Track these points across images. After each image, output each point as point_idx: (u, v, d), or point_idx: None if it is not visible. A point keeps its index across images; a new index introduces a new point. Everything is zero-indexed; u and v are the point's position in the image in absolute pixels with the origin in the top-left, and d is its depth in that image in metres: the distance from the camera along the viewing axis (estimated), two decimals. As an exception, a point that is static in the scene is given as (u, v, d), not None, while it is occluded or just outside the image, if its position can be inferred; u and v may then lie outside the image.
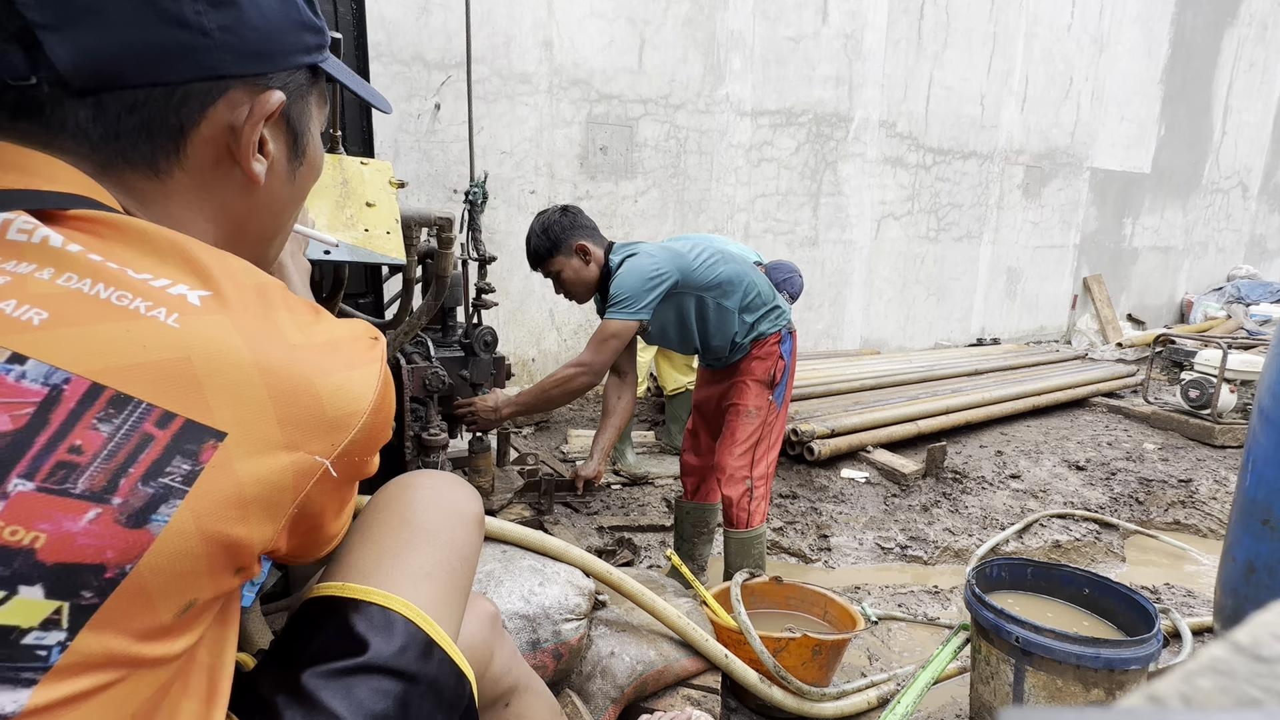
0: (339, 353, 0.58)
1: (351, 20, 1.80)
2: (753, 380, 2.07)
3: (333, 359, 0.57)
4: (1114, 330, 7.05)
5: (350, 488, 0.63)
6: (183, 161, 0.57)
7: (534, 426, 3.99)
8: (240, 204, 0.63)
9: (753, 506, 2.05)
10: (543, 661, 1.35)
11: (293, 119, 0.63)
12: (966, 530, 2.89)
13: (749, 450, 2.04)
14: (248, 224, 0.65)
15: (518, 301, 4.46)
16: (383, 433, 0.61)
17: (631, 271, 1.92)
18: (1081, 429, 4.34)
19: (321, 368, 0.56)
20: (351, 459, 0.59)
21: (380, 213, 1.42)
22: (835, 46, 5.21)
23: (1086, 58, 6.58)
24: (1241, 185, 8.15)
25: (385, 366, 0.62)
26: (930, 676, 1.76)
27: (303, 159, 0.67)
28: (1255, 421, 1.57)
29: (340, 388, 0.56)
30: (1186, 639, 2.01)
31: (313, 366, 0.55)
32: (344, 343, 0.59)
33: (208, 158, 0.58)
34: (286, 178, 0.66)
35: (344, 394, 0.56)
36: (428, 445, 1.79)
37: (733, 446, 2.05)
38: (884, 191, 5.76)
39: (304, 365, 0.55)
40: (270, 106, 0.58)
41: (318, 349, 0.57)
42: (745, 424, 2.05)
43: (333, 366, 0.56)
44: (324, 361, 0.56)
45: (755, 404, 2.06)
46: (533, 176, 4.33)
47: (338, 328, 0.61)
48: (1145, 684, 0.21)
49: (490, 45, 4.04)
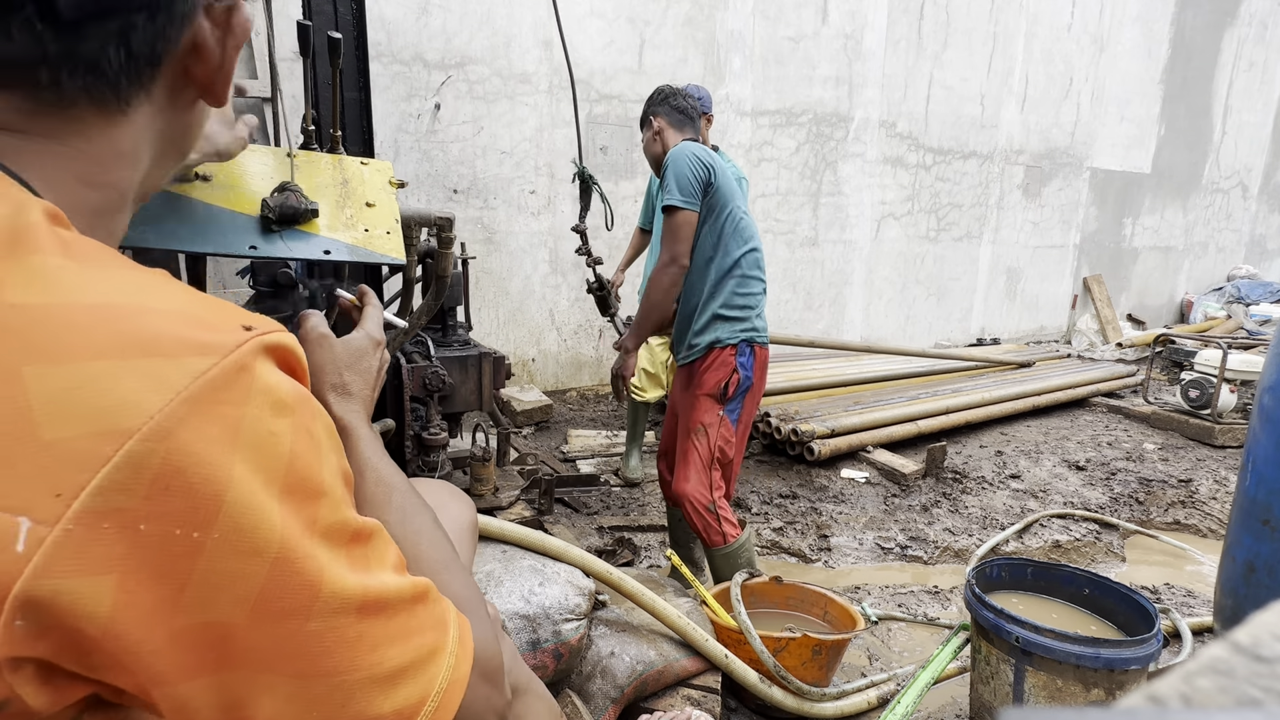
0: (115, 325, 0.36)
1: (351, 20, 1.80)
2: (703, 394, 1.98)
3: (88, 334, 0.35)
4: (1114, 330, 7.05)
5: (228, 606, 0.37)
6: (151, 92, 0.48)
7: (534, 426, 3.99)
8: (179, 126, 0.53)
9: (723, 526, 1.98)
10: (543, 661, 1.35)
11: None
12: (966, 530, 2.89)
13: (703, 472, 1.97)
14: (182, 144, 0.56)
15: (518, 301, 4.46)
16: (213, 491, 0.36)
17: (679, 156, 1.92)
18: (1081, 429, 4.34)
19: (47, 344, 0.34)
20: (154, 528, 0.34)
21: (380, 213, 1.42)
22: (835, 46, 5.21)
23: (1086, 58, 6.58)
24: (1241, 185, 8.14)
25: (254, 373, 0.39)
26: (930, 676, 1.76)
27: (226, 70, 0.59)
28: (1255, 421, 1.57)
29: (78, 384, 0.34)
30: (1186, 639, 2.01)
31: (28, 342, 0.34)
32: (146, 314, 0.37)
33: (171, 84, 0.50)
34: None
35: (84, 395, 0.34)
36: (428, 445, 1.79)
37: (688, 471, 1.97)
38: (884, 191, 5.76)
39: (11, 338, 0.34)
40: (248, 25, 0.51)
41: (60, 311, 0.35)
42: (697, 445, 1.97)
43: (80, 346, 0.35)
44: (62, 335, 0.35)
45: (706, 420, 1.97)
46: (533, 176, 4.33)
47: (160, 293, 0.40)
48: (1145, 684, 0.21)
49: (490, 45, 4.04)
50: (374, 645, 0.42)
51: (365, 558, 0.43)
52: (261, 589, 0.37)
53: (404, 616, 0.44)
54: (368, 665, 0.41)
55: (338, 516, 0.42)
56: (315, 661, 0.40)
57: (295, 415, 0.40)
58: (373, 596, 0.42)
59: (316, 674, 0.40)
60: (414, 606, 0.45)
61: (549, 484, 2.12)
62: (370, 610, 0.42)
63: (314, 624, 0.39)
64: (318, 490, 0.41)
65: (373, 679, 0.41)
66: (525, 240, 4.39)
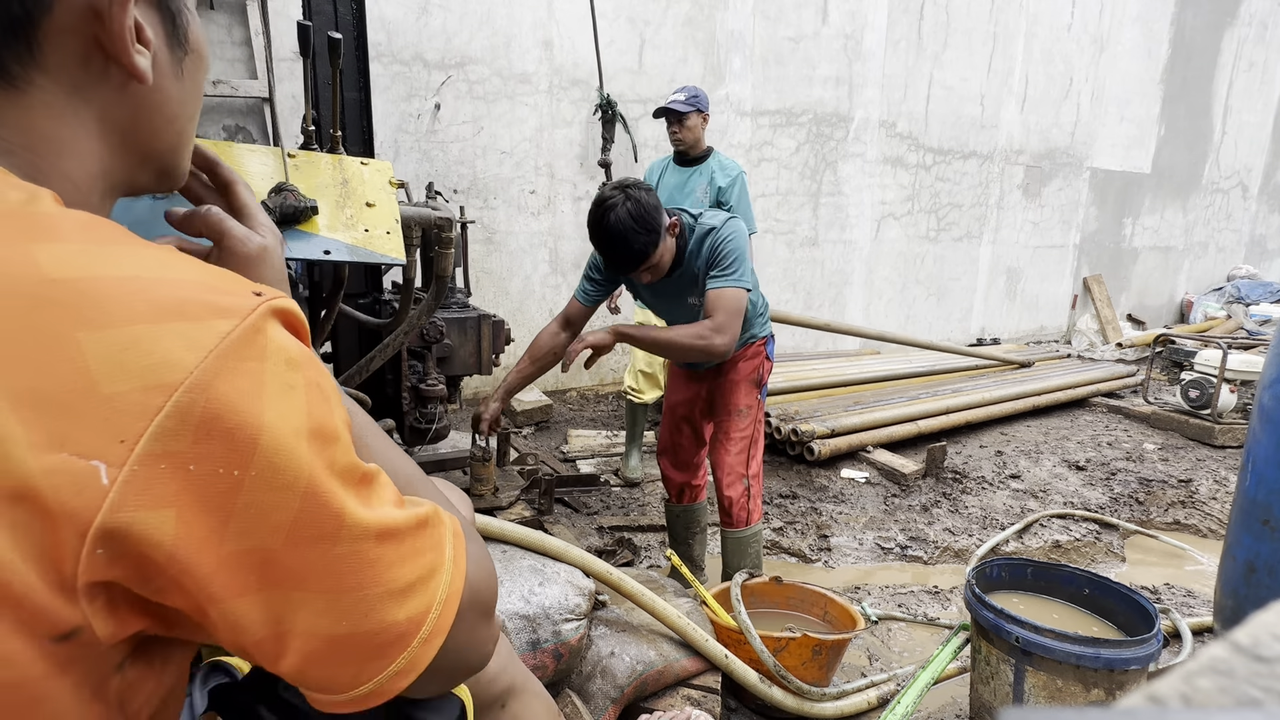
0: (146, 294, 0.40)
1: (351, 20, 1.80)
2: (743, 380, 2.09)
3: (126, 302, 0.39)
4: (1114, 330, 7.05)
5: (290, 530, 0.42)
6: (40, 62, 0.45)
7: (534, 426, 3.99)
8: (123, 110, 0.50)
9: (751, 504, 2.08)
10: (543, 661, 1.35)
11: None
12: (966, 530, 2.89)
13: (744, 449, 2.07)
14: (138, 135, 0.52)
15: (518, 301, 4.46)
16: (248, 435, 0.40)
17: (739, 235, 1.82)
18: (1081, 429, 4.34)
19: (93, 313, 0.38)
20: (201, 469, 0.39)
21: (380, 213, 1.42)
22: (835, 46, 5.21)
23: (1086, 58, 6.58)
24: (1241, 185, 8.14)
25: (267, 334, 0.43)
26: (930, 676, 1.76)
27: (186, 45, 0.54)
28: (1255, 421, 1.57)
29: (128, 344, 0.38)
30: (1186, 639, 2.01)
31: (75, 311, 0.38)
32: (170, 284, 0.41)
33: (72, 54, 0.46)
34: (172, 72, 0.53)
35: (133, 354, 0.38)
36: (425, 396, 1.78)
37: (729, 444, 2.07)
38: (884, 191, 5.76)
39: (58, 309, 0.38)
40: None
41: (95, 284, 0.39)
42: (738, 423, 2.08)
43: (122, 312, 0.39)
44: (105, 303, 0.39)
45: (746, 403, 2.08)
46: (533, 176, 4.33)
47: (176, 266, 0.43)
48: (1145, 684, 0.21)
49: (490, 45, 4.04)
50: (389, 565, 0.47)
51: (371, 495, 0.48)
52: (294, 519, 0.42)
53: (410, 540, 0.49)
54: (385, 581, 0.47)
55: (349, 459, 0.47)
56: (342, 579, 0.45)
57: (304, 370, 0.45)
58: (387, 525, 0.47)
59: (344, 590, 0.45)
60: (418, 531, 0.50)
61: (549, 484, 2.12)
62: (385, 536, 0.47)
63: (340, 548, 0.45)
64: (333, 435, 0.45)
65: (389, 593, 0.47)
66: (525, 240, 4.39)
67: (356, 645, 0.47)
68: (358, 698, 0.48)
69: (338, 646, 0.46)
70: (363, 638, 0.47)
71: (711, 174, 2.93)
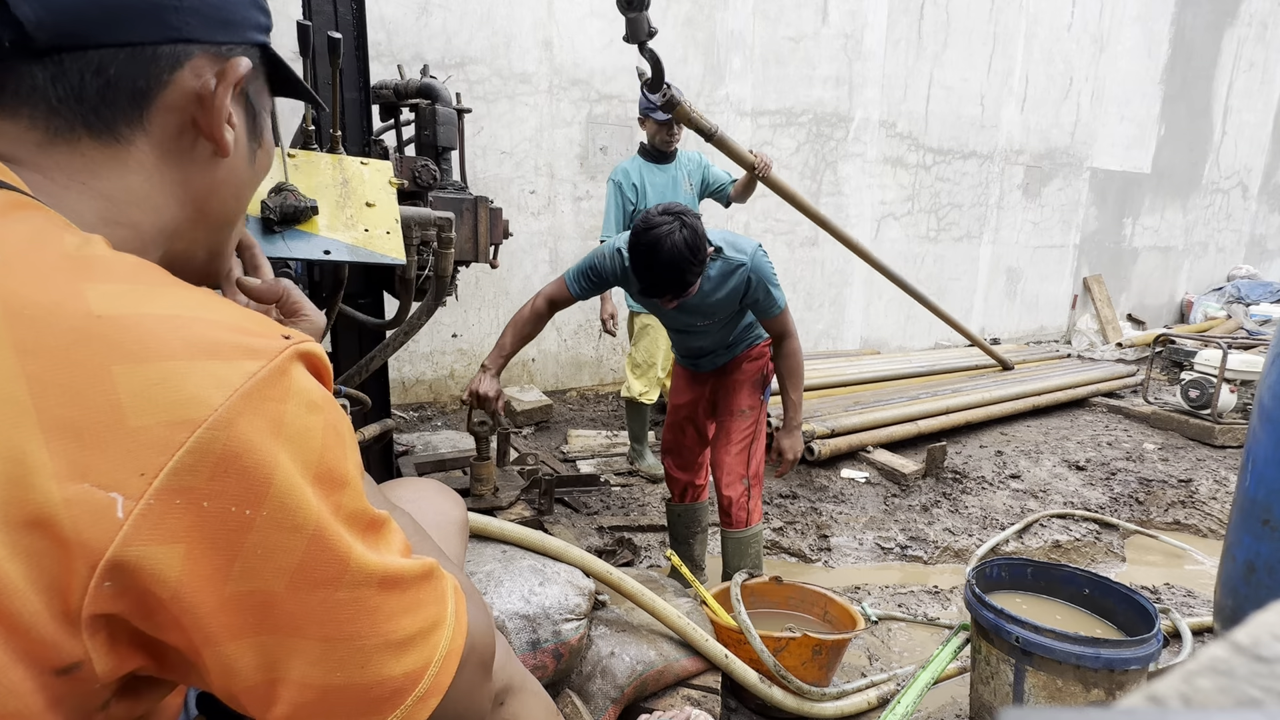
0: (182, 332, 0.42)
1: (351, 20, 1.79)
2: (747, 381, 2.10)
3: (163, 336, 0.41)
4: (1114, 330, 7.05)
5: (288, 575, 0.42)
6: (146, 128, 0.53)
7: (534, 426, 3.99)
8: (204, 180, 0.58)
9: (751, 505, 2.08)
10: (543, 661, 1.35)
11: (251, 96, 0.61)
12: (966, 530, 2.89)
13: (745, 449, 2.08)
14: (210, 203, 0.59)
15: (518, 301, 4.46)
16: (263, 475, 0.41)
17: (768, 267, 1.89)
18: (1081, 429, 4.34)
19: (131, 348, 0.40)
20: (215, 505, 0.40)
21: (380, 213, 1.42)
22: (835, 46, 5.20)
23: (1086, 58, 6.58)
24: (1241, 185, 8.14)
25: (291, 376, 0.44)
26: (930, 676, 1.76)
27: (260, 140, 0.63)
28: (1255, 421, 1.56)
29: (158, 380, 0.39)
30: (1186, 639, 2.01)
31: (115, 345, 0.40)
32: (206, 324, 0.43)
33: (172, 127, 0.54)
34: (247, 157, 0.62)
35: (162, 390, 0.39)
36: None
37: (729, 445, 2.07)
38: (884, 191, 5.76)
39: (99, 343, 0.39)
40: (241, 70, 0.56)
41: (137, 321, 0.41)
42: (740, 424, 2.08)
43: (157, 349, 0.40)
44: (142, 337, 0.40)
45: (749, 404, 2.09)
46: (533, 176, 4.33)
47: (213, 307, 0.45)
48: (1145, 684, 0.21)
49: (490, 45, 4.04)
50: (390, 615, 0.47)
51: (379, 541, 0.48)
52: (300, 561, 0.43)
53: (414, 591, 0.49)
54: (384, 632, 0.46)
55: (359, 505, 0.47)
56: (341, 627, 0.45)
57: (324, 414, 0.46)
58: (391, 573, 0.47)
59: (341, 638, 0.45)
60: (422, 583, 0.50)
61: (549, 484, 2.12)
62: (388, 585, 0.47)
63: (342, 594, 0.44)
64: (343, 480, 0.46)
65: (387, 644, 0.47)
66: (525, 240, 4.38)
67: (350, 698, 0.46)
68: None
69: (330, 698, 0.45)
70: (357, 690, 0.46)
71: (687, 166, 3.20)
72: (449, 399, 4.35)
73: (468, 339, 4.36)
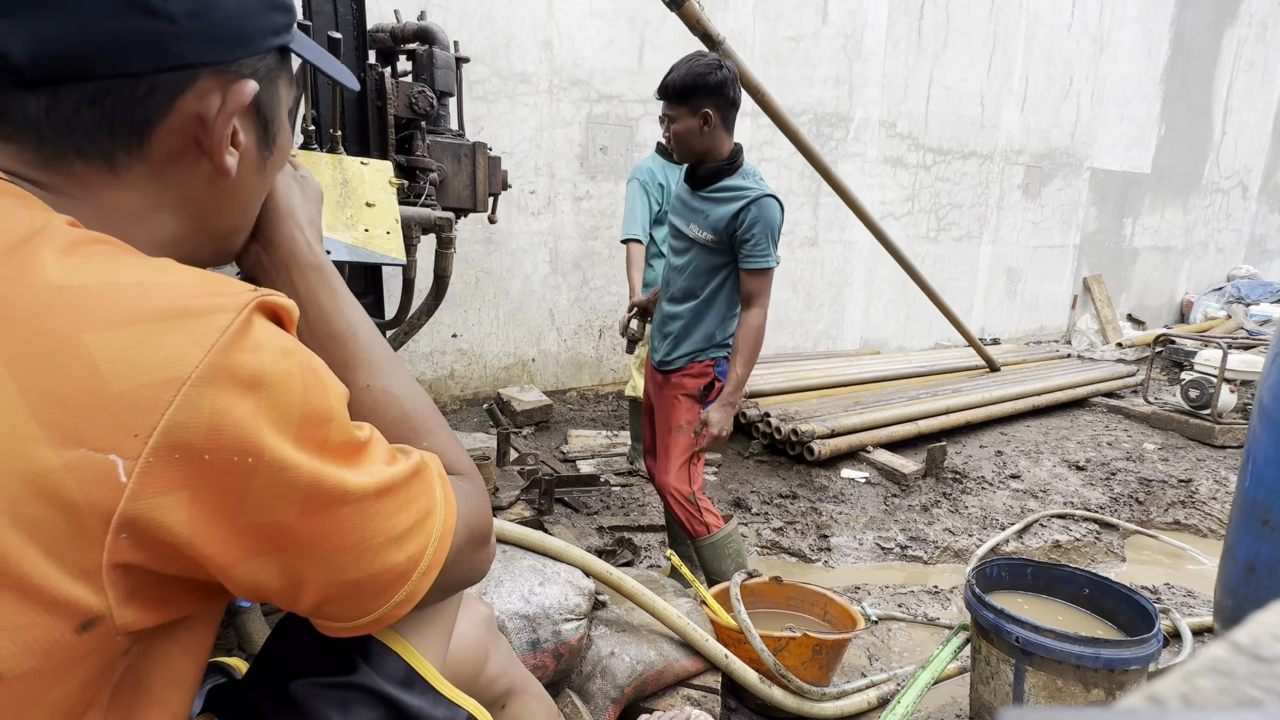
0: (148, 296, 0.43)
1: (351, 20, 1.79)
2: (684, 395, 2.05)
3: (129, 302, 0.42)
4: (1114, 330, 7.05)
5: (299, 503, 0.46)
6: (145, 155, 0.52)
7: (534, 426, 3.99)
8: (206, 197, 0.57)
9: (704, 518, 2.04)
10: (543, 661, 1.35)
11: (263, 107, 0.58)
12: (966, 530, 2.89)
13: (685, 466, 2.04)
14: (212, 216, 0.59)
15: (518, 301, 4.46)
16: (256, 424, 0.43)
17: (775, 214, 1.89)
18: (1081, 429, 4.34)
19: (98, 316, 0.41)
20: (216, 457, 0.42)
21: (380, 213, 1.42)
22: (835, 46, 5.20)
23: (1086, 58, 6.58)
24: (1241, 185, 8.14)
25: (260, 325, 0.46)
26: (930, 676, 1.76)
27: (273, 147, 0.62)
28: (1255, 421, 1.57)
29: (130, 344, 0.41)
30: (1186, 639, 2.01)
31: (81, 314, 0.41)
32: (169, 287, 0.44)
33: (172, 150, 0.53)
34: (257, 168, 0.60)
35: (138, 352, 0.41)
36: (415, 168, 1.70)
37: (669, 464, 2.04)
38: (884, 191, 5.76)
39: (65, 313, 0.41)
40: (245, 97, 0.54)
41: (101, 289, 0.42)
42: (678, 440, 2.04)
43: (125, 314, 0.42)
44: (108, 305, 0.42)
45: (687, 419, 2.04)
46: (533, 176, 4.33)
47: (175, 272, 0.47)
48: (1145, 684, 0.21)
49: (490, 45, 4.04)
50: (389, 515, 0.52)
51: (366, 459, 0.53)
52: (305, 493, 0.47)
53: (404, 491, 0.54)
54: (385, 530, 0.52)
55: (346, 435, 0.51)
56: (349, 535, 0.50)
57: (297, 356, 0.48)
58: (384, 482, 0.52)
59: (350, 545, 0.50)
60: (410, 481, 0.55)
61: (549, 484, 2.13)
62: (384, 493, 0.52)
63: (346, 509, 0.49)
64: (329, 415, 0.49)
65: (390, 539, 0.52)
66: (525, 240, 4.39)
67: (364, 586, 0.52)
68: (364, 625, 0.54)
69: (347, 589, 0.52)
70: (369, 579, 0.52)
71: None
72: (449, 399, 4.35)
73: (468, 339, 4.36)
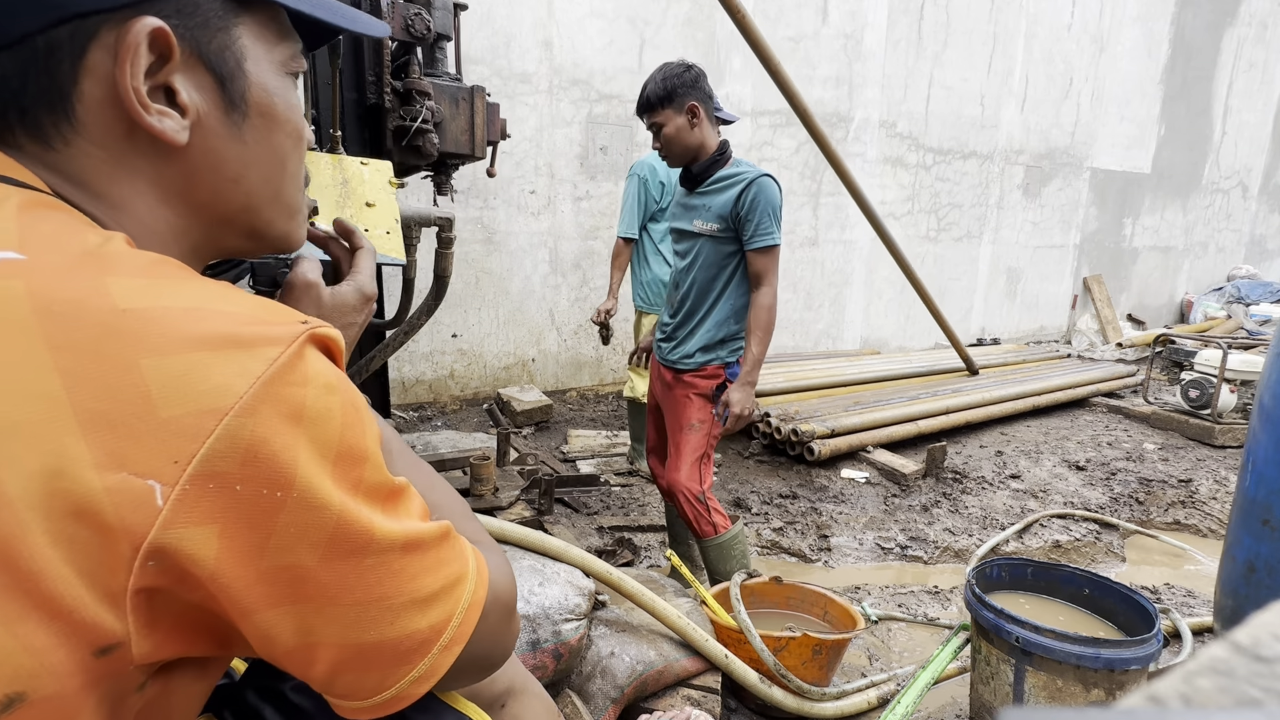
0: (204, 324, 0.42)
1: (351, 20, 1.79)
2: (695, 394, 2.05)
3: (186, 329, 0.42)
4: (1114, 330, 7.05)
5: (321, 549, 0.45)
6: (82, 130, 0.48)
7: (534, 426, 3.99)
8: (174, 172, 0.51)
9: (712, 517, 2.04)
10: (542, 661, 1.35)
11: (209, 56, 0.50)
12: (966, 530, 2.89)
13: (696, 465, 2.04)
14: (197, 195, 0.53)
15: (518, 301, 4.46)
16: (291, 457, 0.43)
17: (774, 192, 1.91)
18: (1081, 429, 4.34)
19: (157, 340, 0.41)
20: (247, 489, 0.41)
21: (380, 213, 1.42)
22: (835, 46, 5.20)
23: (1086, 58, 6.58)
24: (1241, 185, 8.14)
25: (308, 360, 0.45)
26: (930, 676, 1.76)
27: (245, 108, 0.53)
28: (1255, 421, 1.57)
29: (183, 372, 0.40)
30: (1186, 639, 2.01)
31: (141, 338, 0.41)
32: (225, 316, 0.44)
33: (111, 122, 0.48)
34: (227, 134, 0.53)
35: (189, 380, 0.40)
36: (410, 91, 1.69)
37: (680, 463, 2.04)
38: (884, 191, 5.76)
39: (127, 336, 0.40)
40: (135, 38, 0.46)
41: (161, 314, 0.42)
42: (690, 439, 2.04)
43: (182, 340, 0.41)
44: (167, 330, 0.41)
45: (699, 418, 2.05)
46: (533, 176, 4.33)
47: (231, 299, 0.46)
48: (1145, 684, 0.20)
49: (490, 45, 4.04)
50: (414, 575, 0.49)
51: (400, 509, 0.50)
52: (330, 536, 0.45)
53: (435, 552, 0.51)
54: (410, 591, 0.49)
55: (379, 476, 0.49)
56: (370, 590, 0.47)
57: (340, 394, 0.47)
58: (412, 538, 0.49)
59: (371, 600, 0.47)
60: (441, 543, 0.52)
61: (549, 484, 2.12)
62: (411, 548, 0.49)
63: (370, 560, 0.47)
64: (363, 455, 0.47)
65: (413, 601, 0.49)
66: (525, 240, 4.39)
67: (382, 652, 0.49)
68: (381, 703, 0.50)
69: (364, 654, 0.48)
70: (387, 645, 0.49)
71: None
72: (449, 399, 4.35)
73: (468, 339, 4.36)
